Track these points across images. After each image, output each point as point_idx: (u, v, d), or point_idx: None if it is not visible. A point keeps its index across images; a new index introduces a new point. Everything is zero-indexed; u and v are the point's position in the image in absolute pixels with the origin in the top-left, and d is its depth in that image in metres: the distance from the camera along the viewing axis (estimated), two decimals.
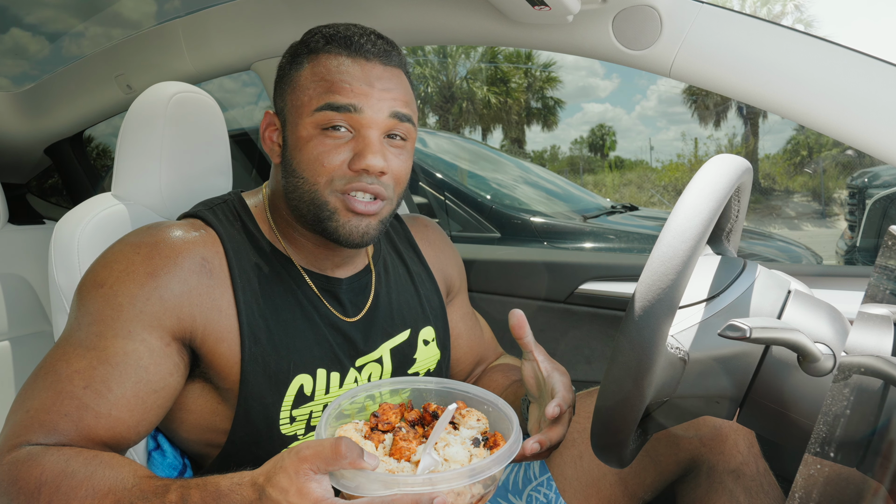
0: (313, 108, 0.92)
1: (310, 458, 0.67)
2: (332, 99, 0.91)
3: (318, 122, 0.92)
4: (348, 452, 0.66)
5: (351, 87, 0.92)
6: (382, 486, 0.67)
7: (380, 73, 0.94)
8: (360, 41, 0.94)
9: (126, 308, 0.86)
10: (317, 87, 0.93)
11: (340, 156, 0.92)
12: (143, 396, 0.85)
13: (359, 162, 0.91)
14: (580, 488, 1.11)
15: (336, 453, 0.66)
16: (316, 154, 0.92)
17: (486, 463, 0.71)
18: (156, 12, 2.35)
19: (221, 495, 0.72)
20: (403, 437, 0.77)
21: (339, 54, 0.94)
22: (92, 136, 2.98)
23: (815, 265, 2.60)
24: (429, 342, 1.12)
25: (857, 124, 1.11)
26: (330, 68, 0.93)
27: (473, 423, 0.85)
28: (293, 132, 0.95)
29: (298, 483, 0.66)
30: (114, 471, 0.78)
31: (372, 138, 0.92)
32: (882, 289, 0.68)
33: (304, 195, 0.94)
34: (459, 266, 1.26)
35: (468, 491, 0.72)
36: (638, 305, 0.67)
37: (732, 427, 1.07)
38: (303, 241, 1.01)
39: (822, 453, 0.54)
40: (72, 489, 0.76)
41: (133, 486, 0.76)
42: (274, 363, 0.93)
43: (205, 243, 0.94)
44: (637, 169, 25.67)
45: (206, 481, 0.74)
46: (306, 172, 0.93)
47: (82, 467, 0.77)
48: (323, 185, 0.93)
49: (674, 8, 1.19)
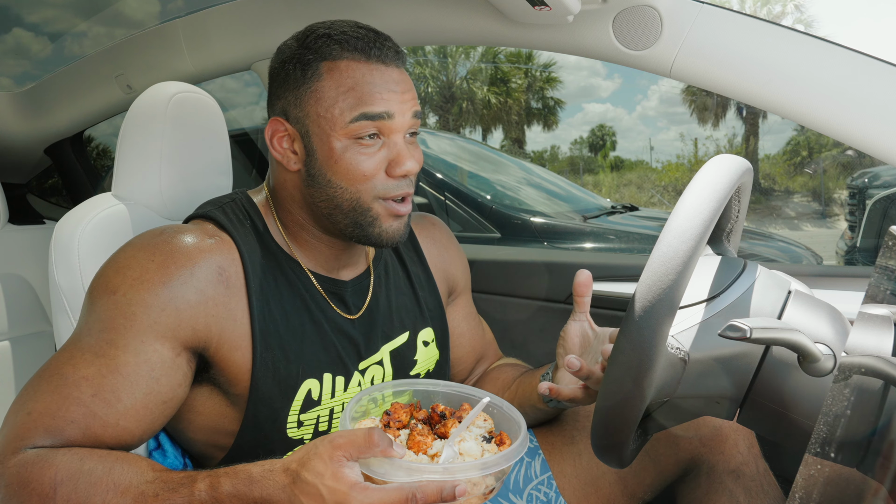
0: (347, 119, 0.91)
1: (344, 445, 0.71)
2: (367, 109, 0.91)
3: (352, 132, 0.92)
4: (380, 441, 0.71)
5: (381, 94, 0.92)
6: (407, 473, 0.73)
7: (397, 76, 0.95)
8: (376, 45, 0.94)
9: (140, 317, 0.84)
10: (346, 98, 0.91)
11: (376, 163, 0.93)
12: (151, 407, 0.85)
13: (397, 168, 0.93)
14: (580, 487, 1.11)
15: (370, 442, 0.71)
16: (354, 163, 0.93)
17: (499, 457, 0.77)
18: (159, 12, 2.35)
19: (253, 482, 0.73)
20: (420, 433, 0.83)
21: (360, 61, 0.93)
22: (92, 136, 2.99)
23: (815, 265, 2.60)
24: (428, 343, 1.12)
25: (857, 124, 1.11)
26: (356, 77, 0.92)
27: (480, 422, 0.90)
28: (323, 144, 0.93)
29: (333, 468, 0.70)
30: (131, 466, 0.78)
31: (401, 143, 0.95)
32: (882, 289, 0.68)
33: (344, 203, 0.94)
34: (464, 266, 1.26)
35: (483, 482, 0.78)
36: (638, 305, 0.67)
37: (732, 427, 1.07)
38: (313, 243, 1.01)
39: (823, 453, 0.54)
40: (91, 486, 0.75)
41: (154, 479, 0.76)
42: (284, 368, 0.93)
43: (221, 251, 0.92)
44: (637, 169, 25.67)
45: (235, 469, 0.75)
46: (344, 181, 0.93)
47: (98, 465, 0.77)
48: (364, 193, 0.94)
49: (674, 8, 1.19)
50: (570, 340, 0.99)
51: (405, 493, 0.70)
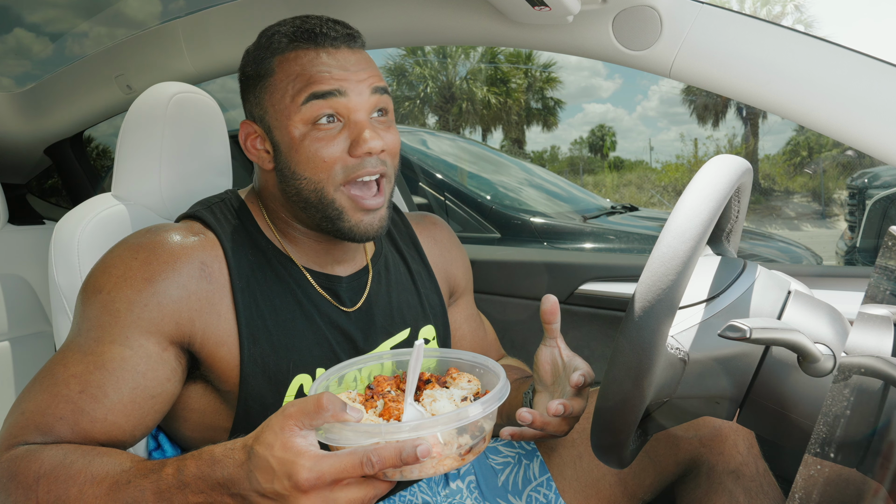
0: (299, 103, 0.92)
1: (294, 414, 0.67)
2: (315, 88, 0.91)
3: (306, 117, 0.92)
4: (330, 405, 0.67)
5: (329, 73, 0.92)
6: (366, 436, 0.67)
7: (349, 56, 0.95)
8: (323, 31, 0.94)
9: (123, 314, 0.86)
10: (295, 83, 0.92)
11: (338, 146, 0.92)
12: (139, 402, 0.85)
13: (359, 147, 0.92)
14: (580, 489, 1.11)
15: (318, 407, 0.67)
16: (313, 150, 0.92)
17: (470, 407, 0.70)
18: (160, 12, 2.34)
19: (216, 462, 0.71)
20: (393, 399, 0.77)
21: (307, 48, 0.94)
22: (92, 136, 2.99)
23: (815, 266, 2.59)
24: (429, 341, 1.12)
25: (857, 124, 1.11)
26: (303, 63, 0.93)
27: (464, 384, 0.84)
28: (283, 135, 0.94)
29: (283, 438, 0.67)
30: (111, 458, 0.78)
31: (363, 121, 0.93)
32: (882, 289, 0.68)
33: (310, 196, 0.94)
34: (465, 267, 1.26)
35: (454, 441, 0.71)
36: (638, 306, 0.67)
37: (732, 427, 1.06)
38: (303, 239, 1.01)
39: (823, 454, 0.54)
40: (70, 478, 0.76)
41: (131, 468, 0.76)
42: (273, 364, 0.93)
43: (204, 247, 0.93)
44: (637, 169, 25.67)
45: (201, 452, 0.74)
46: (307, 171, 0.93)
47: (81, 458, 0.77)
48: (327, 181, 0.93)
49: (674, 8, 1.19)
50: (542, 367, 0.95)
51: (358, 458, 0.65)
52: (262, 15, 1.60)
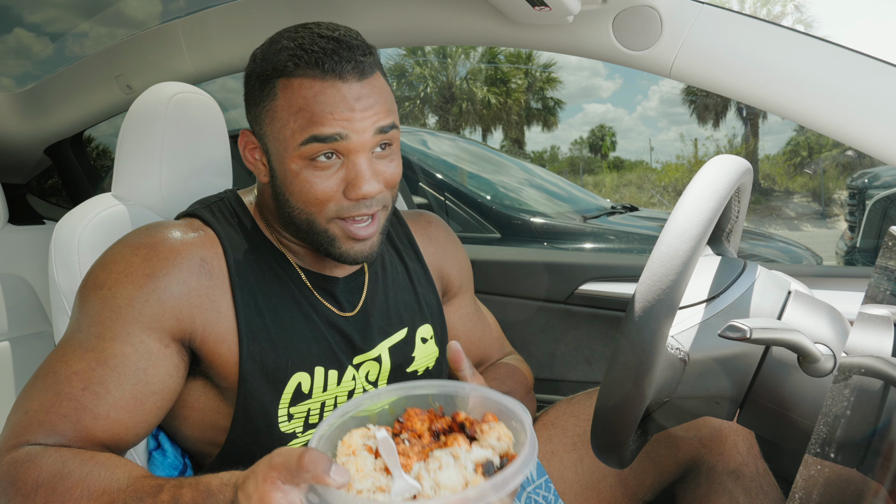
0: (298, 142, 0.88)
1: (278, 466, 0.64)
2: (317, 131, 0.87)
3: (304, 154, 0.89)
4: (311, 466, 0.62)
5: (333, 114, 0.87)
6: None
7: (357, 91, 0.89)
8: (332, 59, 0.87)
9: (124, 310, 0.86)
10: (297, 119, 0.88)
11: (333, 184, 0.90)
12: (141, 398, 0.86)
13: (354, 191, 0.89)
14: (580, 490, 1.11)
15: (299, 466, 0.62)
16: (308, 186, 0.90)
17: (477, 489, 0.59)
18: (161, 12, 2.34)
19: (210, 494, 0.71)
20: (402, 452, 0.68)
21: (313, 78, 0.87)
22: (92, 136, 2.99)
23: (815, 266, 2.60)
24: (427, 340, 1.12)
25: (857, 125, 1.11)
26: (307, 98, 0.87)
27: (494, 441, 0.70)
28: (280, 164, 0.92)
29: (262, 490, 0.64)
30: (109, 471, 0.78)
31: (362, 164, 0.89)
32: (882, 289, 0.68)
33: (302, 223, 0.93)
34: (461, 265, 1.24)
35: None
36: (638, 306, 0.67)
37: (732, 428, 1.06)
38: (299, 245, 1.01)
39: (823, 454, 0.54)
40: (67, 490, 0.76)
41: (127, 487, 0.76)
42: (272, 361, 0.94)
43: (203, 244, 0.94)
44: (637, 169, 25.67)
45: (198, 480, 0.74)
46: (300, 203, 0.92)
47: (78, 468, 0.77)
48: (318, 214, 0.92)
49: (674, 8, 1.19)
50: None
51: None
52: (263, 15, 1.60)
